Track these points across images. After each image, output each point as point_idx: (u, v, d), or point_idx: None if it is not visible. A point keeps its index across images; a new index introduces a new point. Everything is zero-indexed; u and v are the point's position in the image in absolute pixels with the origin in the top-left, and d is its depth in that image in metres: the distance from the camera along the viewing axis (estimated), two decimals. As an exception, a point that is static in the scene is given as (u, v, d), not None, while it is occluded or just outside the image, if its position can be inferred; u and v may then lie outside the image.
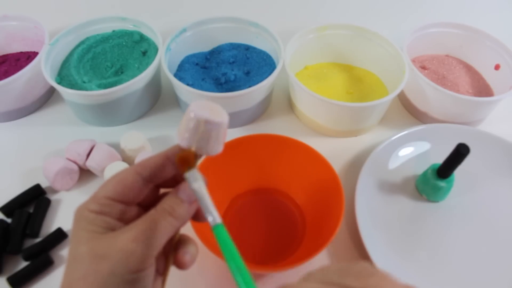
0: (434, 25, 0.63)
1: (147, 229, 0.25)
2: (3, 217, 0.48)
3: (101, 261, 0.24)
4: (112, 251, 0.24)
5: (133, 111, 0.58)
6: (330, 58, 0.65)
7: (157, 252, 0.26)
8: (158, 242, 0.26)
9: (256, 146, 0.49)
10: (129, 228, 0.26)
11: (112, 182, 0.27)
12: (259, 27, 0.60)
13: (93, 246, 0.25)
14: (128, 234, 0.25)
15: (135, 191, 0.27)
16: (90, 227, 0.26)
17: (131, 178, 0.27)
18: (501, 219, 0.49)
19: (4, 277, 0.43)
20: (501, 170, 0.53)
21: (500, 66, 0.61)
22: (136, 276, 0.25)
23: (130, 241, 0.25)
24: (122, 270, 0.24)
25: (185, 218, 0.27)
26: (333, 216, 0.42)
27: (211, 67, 0.61)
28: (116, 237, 0.25)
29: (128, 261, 0.24)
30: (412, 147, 0.54)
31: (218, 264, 0.45)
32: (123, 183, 0.27)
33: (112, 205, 0.26)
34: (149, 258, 0.25)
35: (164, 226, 0.26)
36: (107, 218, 0.26)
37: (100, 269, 0.24)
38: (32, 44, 0.63)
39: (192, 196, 0.27)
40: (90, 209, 0.26)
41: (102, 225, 0.26)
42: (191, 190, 0.27)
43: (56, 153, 0.54)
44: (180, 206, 0.27)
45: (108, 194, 0.26)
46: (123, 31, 0.61)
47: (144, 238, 0.25)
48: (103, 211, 0.26)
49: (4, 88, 0.54)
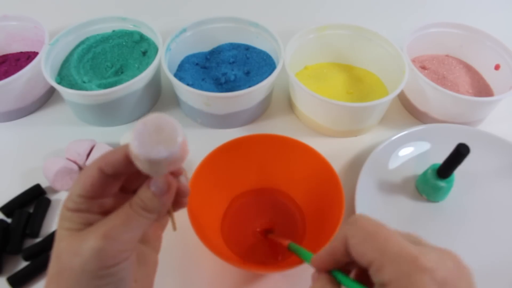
0: (434, 25, 0.63)
1: (119, 225, 0.26)
2: (3, 217, 0.48)
3: (73, 257, 0.25)
4: (83, 248, 0.25)
5: (133, 111, 0.58)
6: (330, 58, 0.65)
7: (132, 245, 0.26)
8: (131, 237, 0.26)
9: (256, 146, 0.49)
10: (102, 224, 0.26)
11: (80, 180, 0.27)
12: (259, 27, 0.60)
13: (68, 243, 0.25)
14: (99, 231, 0.25)
15: (105, 186, 0.27)
16: (68, 225, 0.26)
17: (96, 176, 0.26)
18: (501, 219, 0.49)
19: (4, 277, 0.43)
20: (501, 170, 0.53)
21: (500, 66, 0.61)
22: (109, 271, 0.25)
23: (100, 238, 0.25)
24: (93, 267, 0.24)
25: (160, 210, 0.27)
26: (333, 216, 0.42)
27: (211, 67, 0.61)
28: (88, 234, 0.25)
29: (98, 258, 0.24)
30: (412, 147, 0.54)
31: (218, 264, 0.45)
32: (90, 181, 0.26)
33: (86, 202, 0.26)
34: (121, 253, 0.25)
35: (137, 220, 0.26)
36: (85, 215, 0.26)
37: (72, 265, 0.24)
38: (32, 44, 0.63)
39: (164, 188, 0.26)
40: (67, 207, 0.26)
41: (80, 221, 0.26)
42: (162, 181, 0.26)
43: (56, 153, 0.54)
44: (153, 200, 0.26)
45: (79, 192, 0.26)
46: (123, 31, 0.61)
47: (114, 234, 0.25)
48: (80, 209, 0.26)
49: (4, 88, 0.54)
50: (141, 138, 0.23)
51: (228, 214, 0.48)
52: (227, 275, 0.44)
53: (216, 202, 0.48)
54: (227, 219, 0.48)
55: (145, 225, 0.27)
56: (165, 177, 0.26)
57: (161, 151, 0.23)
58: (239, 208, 0.49)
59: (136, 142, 0.23)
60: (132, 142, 0.23)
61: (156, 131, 0.23)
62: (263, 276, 0.44)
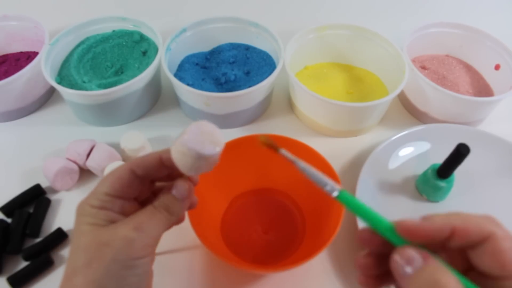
0: (434, 25, 0.63)
1: (146, 220, 0.28)
2: (3, 217, 0.48)
3: (104, 248, 0.26)
4: (115, 239, 0.26)
5: (133, 111, 0.58)
6: (330, 58, 0.65)
7: (156, 242, 0.28)
8: (155, 233, 0.28)
9: (256, 146, 0.48)
10: (129, 219, 0.28)
11: (110, 179, 0.29)
12: (259, 27, 0.60)
13: (96, 236, 0.27)
14: (130, 224, 0.27)
15: (131, 188, 0.30)
16: (92, 221, 0.28)
17: (127, 176, 0.29)
18: (501, 219, 0.49)
19: (4, 277, 0.43)
20: (501, 170, 0.53)
21: (500, 66, 0.61)
22: (136, 262, 0.27)
23: (131, 229, 0.27)
24: (123, 257, 0.26)
25: (179, 213, 0.30)
26: (333, 216, 0.42)
27: (211, 67, 0.61)
28: (118, 227, 0.27)
29: (129, 248, 0.26)
30: (412, 147, 0.54)
31: (219, 264, 0.45)
32: (120, 181, 0.29)
33: (112, 201, 0.29)
34: (147, 246, 0.28)
35: (160, 219, 0.29)
36: (109, 212, 0.28)
37: (103, 255, 0.26)
38: (32, 44, 0.63)
39: (185, 193, 0.30)
40: (91, 204, 0.28)
41: (104, 218, 0.28)
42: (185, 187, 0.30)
43: (56, 153, 0.54)
44: (174, 203, 0.29)
45: (107, 191, 0.28)
46: (123, 31, 0.61)
47: (144, 228, 0.27)
48: (104, 206, 0.28)
49: (4, 88, 0.54)
50: (195, 135, 0.27)
51: (228, 214, 0.48)
52: (227, 275, 0.44)
53: (216, 202, 0.48)
54: (227, 219, 0.48)
55: (165, 226, 0.29)
56: (188, 182, 0.30)
57: (212, 149, 0.27)
58: (239, 208, 0.49)
59: (191, 137, 0.27)
60: (186, 137, 0.27)
61: (208, 133, 0.27)
62: (263, 276, 0.44)
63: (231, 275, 0.44)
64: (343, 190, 0.26)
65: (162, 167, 0.30)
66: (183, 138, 0.27)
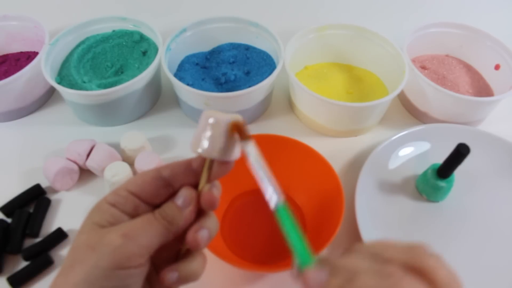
0: (434, 25, 0.63)
1: (138, 227, 0.26)
2: (3, 217, 0.48)
3: (89, 252, 0.25)
4: (100, 244, 0.25)
5: (133, 111, 0.58)
6: (330, 58, 0.65)
7: (147, 253, 0.26)
8: (146, 243, 0.26)
9: (256, 146, 0.49)
10: (123, 225, 0.26)
11: (135, 176, 0.28)
12: (259, 27, 0.60)
13: (89, 237, 0.25)
14: (120, 230, 0.25)
15: (152, 188, 0.28)
16: (97, 219, 0.26)
17: (151, 174, 0.28)
18: (501, 219, 0.49)
19: (4, 277, 0.43)
20: (501, 170, 0.53)
21: (500, 66, 0.61)
22: (119, 273, 0.24)
23: (119, 236, 0.25)
24: (106, 264, 0.24)
25: (179, 223, 0.27)
26: (333, 216, 0.42)
27: (211, 67, 0.61)
28: (110, 231, 0.25)
29: (113, 255, 0.24)
30: (412, 147, 0.54)
31: (218, 264, 0.45)
32: (143, 178, 0.28)
33: (127, 198, 0.27)
34: (136, 256, 0.25)
35: (156, 228, 0.26)
36: (117, 211, 0.27)
37: (86, 259, 0.24)
38: (32, 44, 0.63)
39: (187, 202, 0.28)
40: (107, 200, 0.27)
41: (108, 218, 0.26)
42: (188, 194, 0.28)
43: (56, 153, 0.54)
44: (174, 210, 0.27)
45: (128, 186, 0.28)
46: (123, 31, 0.61)
47: (133, 235, 0.25)
48: (117, 203, 0.27)
49: (4, 88, 0.54)
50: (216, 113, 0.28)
51: (228, 214, 0.48)
52: (227, 275, 0.44)
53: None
54: (227, 219, 0.48)
55: (163, 236, 0.27)
56: (190, 191, 0.28)
57: (236, 115, 0.28)
58: (239, 208, 0.49)
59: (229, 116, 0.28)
60: (226, 116, 0.27)
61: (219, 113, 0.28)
62: (263, 276, 0.44)
63: (231, 275, 0.44)
64: (282, 205, 0.26)
65: (189, 172, 0.28)
66: (223, 116, 0.28)
